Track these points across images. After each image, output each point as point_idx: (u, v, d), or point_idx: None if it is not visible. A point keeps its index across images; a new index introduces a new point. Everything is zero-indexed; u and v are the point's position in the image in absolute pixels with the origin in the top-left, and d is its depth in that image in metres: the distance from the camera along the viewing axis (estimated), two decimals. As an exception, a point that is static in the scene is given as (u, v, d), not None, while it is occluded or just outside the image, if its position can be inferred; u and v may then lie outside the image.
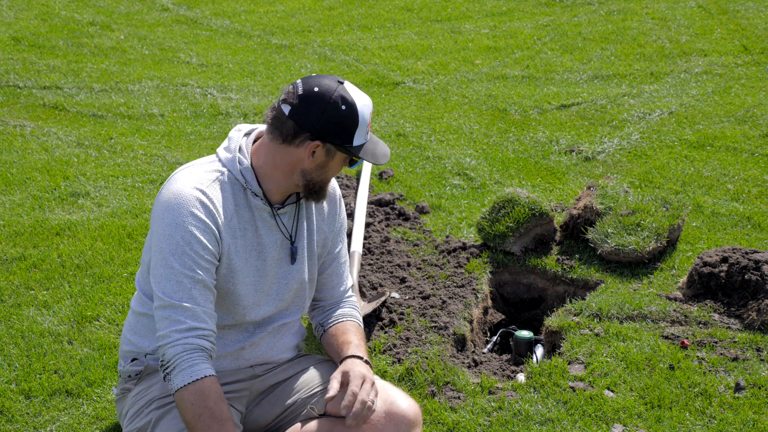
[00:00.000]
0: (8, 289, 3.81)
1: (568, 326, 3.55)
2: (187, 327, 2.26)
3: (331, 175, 2.45)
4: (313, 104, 2.32)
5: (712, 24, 8.63)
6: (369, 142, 2.41)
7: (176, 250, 2.29)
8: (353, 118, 2.34)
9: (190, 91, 6.98)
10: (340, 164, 2.43)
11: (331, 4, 10.23)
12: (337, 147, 2.37)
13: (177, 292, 2.28)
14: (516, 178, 5.25)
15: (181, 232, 2.30)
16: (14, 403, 3.05)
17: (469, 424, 2.97)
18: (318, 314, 2.74)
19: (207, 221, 2.33)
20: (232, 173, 2.42)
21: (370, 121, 2.39)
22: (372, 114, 2.41)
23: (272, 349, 2.61)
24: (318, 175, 2.42)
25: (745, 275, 3.66)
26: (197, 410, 2.22)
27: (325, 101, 2.32)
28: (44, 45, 8.14)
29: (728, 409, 3.03)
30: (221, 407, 2.24)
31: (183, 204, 2.33)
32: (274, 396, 2.60)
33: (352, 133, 2.35)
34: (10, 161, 5.26)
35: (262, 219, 2.46)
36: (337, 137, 2.35)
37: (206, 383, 2.23)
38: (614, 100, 6.67)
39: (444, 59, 8.04)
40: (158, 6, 10.02)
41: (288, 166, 2.40)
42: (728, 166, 5.30)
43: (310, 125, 2.33)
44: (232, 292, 2.44)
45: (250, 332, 2.54)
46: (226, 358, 2.53)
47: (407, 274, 4.01)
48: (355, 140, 2.36)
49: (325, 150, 2.37)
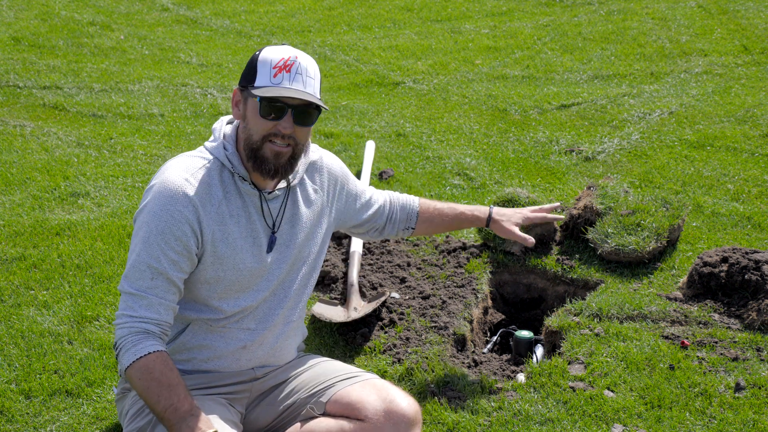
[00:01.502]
0: (8, 289, 3.81)
1: (568, 326, 3.55)
2: (139, 316, 2.32)
3: (253, 129, 2.39)
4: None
5: (712, 24, 8.63)
6: (278, 86, 2.36)
7: (148, 238, 2.33)
8: (254, 60, 2.39)
9: (190, 91, 6.98)
10: (254, 112, 2.39)
11: (331, 4, 10.23)
12: (243, 90, 2.42)
13: (138, 281, 2.33)
14: (516, 178, 5.25)
15: (157, 221, 2.33)
16: (14, 403, 3.05)
17: (469, 424, 2.97)
18: (390, 228, 2.99)
19: (185, 212, 2.34)
20: (218, 159, 2.43)
21: (280, 65, 2.35)
22: (290, 64, 2.36)
23: (275, 351, 2.61)
24: (244, 130, 2.42)
25: (745, 275, 3.66)
26: (144, 383, 2.27)
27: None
28: (44, 45, 8.14)
29: (728, 409, 3.03)
30: (168, 375, 2.28)
31: (164, 193, 2.35)
32: (273, 396, 2.60)
33: (254, 74, 2.38)
34: (10, 161, 5.26)
35: (253, 205, 2.47)
36: (243, 79, 2.42)
37: (150, 358, 2.28)
38: (614, 100, 6.67)
39: (444, 59, 8.04)
40: (158, 6, 10.02)
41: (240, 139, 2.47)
42: (728, 166, 5.30)
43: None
44: (223, 278, 2.44)
45: (252, 330, 2.54)
46: (227, 357, 2.53)
47: (407, 274, 4.01)
48: (257, 81, 2.37)
49: (242, 98, 2.43)
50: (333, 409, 2.50)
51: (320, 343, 3.48)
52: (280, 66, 2.36)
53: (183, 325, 2.51)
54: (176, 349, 2.51)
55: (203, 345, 2.50)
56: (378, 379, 2.60)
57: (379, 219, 2.94)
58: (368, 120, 6.39)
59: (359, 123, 6.31)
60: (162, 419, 2.27)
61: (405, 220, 2.99)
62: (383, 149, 5.75)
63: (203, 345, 2.50)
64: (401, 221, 2.99)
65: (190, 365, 2.53)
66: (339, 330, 3.57)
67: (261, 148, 2.39)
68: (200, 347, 2.50)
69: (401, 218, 2.99)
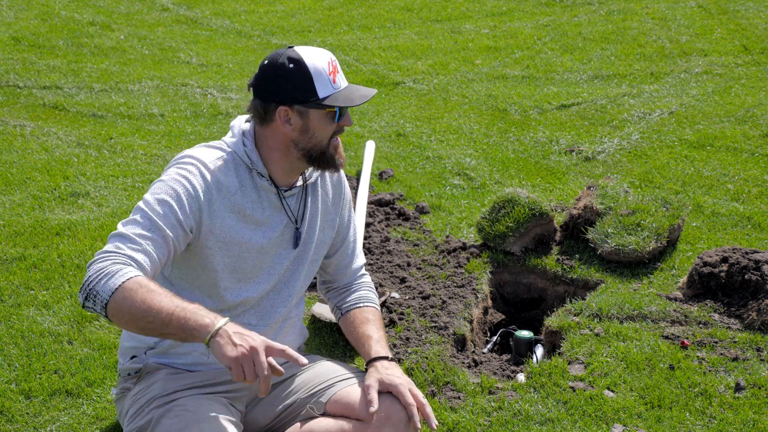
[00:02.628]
0: (8, 289, 3.81)
1: (568, 326, 3.55)
2: (126, 254, 2.15)
3: (321, 136, 2.42)
4: (265, 75, 2.39)
5: (712, 24, 8.63)
6: (342, 90, 2.40)
7: (157, 195, 2.30)
8: (304, 71, 2.35)
9: (190, 91, 6.99)
10: (324, 121, 2.40)
11: (331, 4, 10.23)
12: (305, 105, 2.37)
13: (135, 228, 2.23)
14: (516, 178, 5.25)
15: (167, 187, 2.31)
16: (14, 403, 3.05)
17: (469, 424, 2.97)
18: (333, 296, 2.77)
19: (199, 188, 2.34)
20: (236, 154, 2.45)
21: (331, 70, 2.37)
22: (335, 64, 2.39)
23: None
24: (307, 141, 2.42)
25: (745, 275, 3.66)
26: (138, 299, 2.04)
27: (273, 67, 2.38)
28: (44, 45, 8.14)
29: (728, 409, 3.03)
30: (152, 289, 2.08)
31: (185, 166, 2.36)
32: (273, 396, 2.60)
33: (312, 87, 2.35)
34: (10, 161, 5.26)
35: (268, 200, 2.48)
36: (298, 95, 2.36)
37: (140, 279, 2.07)
38: (614, 100, 6.67)
39: (444, 59, 8.04)
40: (158, 6, 10.02)
41: (279, 144, 2.43)
42: (728, 166, 5.30)
43: (270, 95, 2.38)
44: (228, 265, 2.45)
45: (253, 325, 2.54)
46: None
47: (407, 274, 4.01)
48: (319, 92, 2.36)
49: (297, 112, 2.39)
50: (333, 409, 2.50)
51: (320, 343, 3.49)
52: (331, 71, 2.38)
53: None
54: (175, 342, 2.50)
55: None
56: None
57: (334, 270, 2.77)
58: (368, 120, 6.40)
59: (359, 123, 6.31)
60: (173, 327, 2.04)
61: (334, 309, 2.77)
62: (383, 149, 5.75)
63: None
64: (334, 306, 2.78)
65: (191, 358, 2.53)
66: (339, 330, 3.57)
67: (328, 148, 2.45)
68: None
69: (336, 303, 2.77)
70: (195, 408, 2.37)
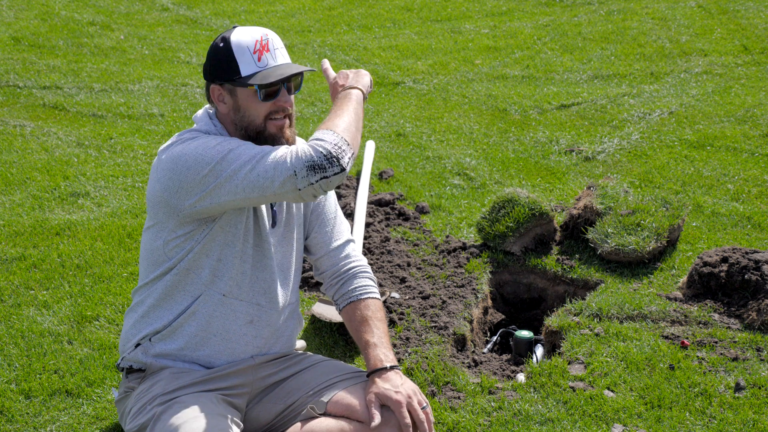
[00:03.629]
0: (8, 289, 3.81)
1: (568, 326, 3.55)
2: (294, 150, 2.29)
3: (252, 115, 2.43)
4: (207, 55, 2.46)
5: (712, 24, 8.63)
6: (268, 68, 2.41)
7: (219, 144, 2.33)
8: (228, 50, 2.39)
9: (190, 91, 6.99)
10: (251, 99, 2.42)
11: (331, 4, 10.23)
12: (230, 83, 2.41)
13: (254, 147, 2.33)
14: (516, 178, 5.25)
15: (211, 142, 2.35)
16: (14, 403, 3.05)
17: (469, 424, 2.97)
18: (329, 287, 2.71)
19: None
20: (209, 133, 2.47)
21: (258, 48, 2.39)
22: (266, 43, 2.40)
23: (277, 333, 2.62)
24: (241, 119, 2.45)
25: (745, 275, 3.66)
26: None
27: (211, 48, 2.44)
28: (44, 45, 8.14)
29: (728, 409, 3.03)
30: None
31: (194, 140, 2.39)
32: (274, 395, 2.60)
33: (235, 65, 2.39)
34: (10, 161, 5.26)
35: None
36: (224, 73, 2.40)
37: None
38: (614, 100, 6.67)
39: (444, 59, 8.04)
40: (158, 6, 10.02)
41: (227, 123, 2.48)
42: (728, 166, 5.30)
43: (206, 74, 2.46)
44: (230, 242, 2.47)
45: (261, 306, 2.57)
46: (235, 332, 2.54)
47: (407, 274, 4.01)
48: (242, 70, 2.39)
49: (227, 91, 2.43)
50: (334, 409, 2.50)
51: (320, 343, 3.48)
52: (258, 49, 2.40)
53: (195, 295, 2.51)
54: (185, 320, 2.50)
55: (213, 315, 2.51)
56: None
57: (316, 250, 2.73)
58: (368, 120, 6.39)
59: (359, 123, 6.31)
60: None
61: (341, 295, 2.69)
62: (383, 149, 5.75)
63: (213, 315, 2.51)
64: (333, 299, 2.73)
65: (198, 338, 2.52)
66: (339, 330, 3.57)
67: (265, 128, 2.45)
68: (210, 319, 2.51)
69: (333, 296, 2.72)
70: (195, 405, 2.38)
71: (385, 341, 2.56)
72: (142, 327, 2.55)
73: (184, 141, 2.41)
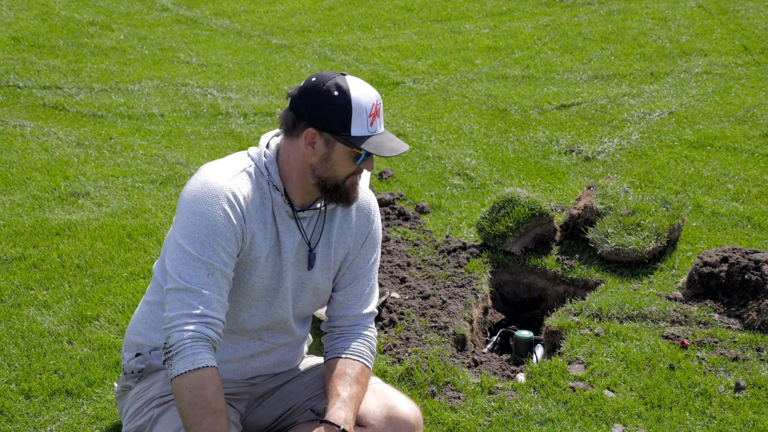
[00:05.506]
0: (8, 289, 3.81)
1: (568, 326, 3.55)
2: (199, 313, 2.23)
3: (339, 171, 2.35)
4: (308, 92, 2.32)
5: (712, 24, 8.63)
6: (375, 135, 2.34)
7: (198, 238, 2.26)
8: (346, 105, 2.29)
9: (190, 91, 6.98)
10: (346, 158, 2.34)
11: (331, 4, 10.23)
12: (334, 136, 2.31)
13: (193, 278, 2.25)
14: (516, 178, 5.25)
15: (205, 221, 2.27)
16: (14, 403, 3.05)
17: (469, 424, 2.97)
18: (327, 339, 2.61)
19: (230, 214, 2.30)
20: (257, 166, 2.40)
21: (373, 112, 2.32)
22: (379, 108, 2.34)
23: (280, 363, 2.60)
24: (325, 170, 2.35)
25: (745, 275, 3.66)
26: (193, 399, 2.18)
27: (319, 88, 2.30)
28: (44, 45, 8.14)
29: (728, 409, 3.03)
30: (218, 399, 2.20)
31: (209, 194, 2.30)
32: (274, 398, 2.60)
33: (347, 121, 2.29)
34: (10, 161, 5.26)
35: (281, 217, 2.41)
36: (332, 124, 2.30)
37: (207, 373, 2.20)
38: (614, 100, 6.67)
39: (444, 59, 8.04)
40: (158, 6, 10.02)
41: (298, 163, 2.37)
42: (728, 166, 5.30)
43: (305, 113, 2.32)
44: (250, 284, 2.41)
45: (263, 341, 2.53)
46: (234, 362, 2.51)
47: (407, 274, 4.01)
48: (353, 129, 2.30)
49: (324, 140, 2.32)
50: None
51: (320, 343, 3.48)
52: (372, 113, 2.32)
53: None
54: None
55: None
56: (380, 383, 2.58)
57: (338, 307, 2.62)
58: (368, 120, 6.39)
59: (359, 123, 6.31)
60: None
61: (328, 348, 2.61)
62: (383, 149, 5.74)
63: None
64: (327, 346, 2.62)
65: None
66: (339, 330, 3.57)
67: (343, 184, 2.39)
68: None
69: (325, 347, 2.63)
70: None
71: (353, 406, 2.38)
72: (146, 339, 2.53)
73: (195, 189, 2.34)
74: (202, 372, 2.19)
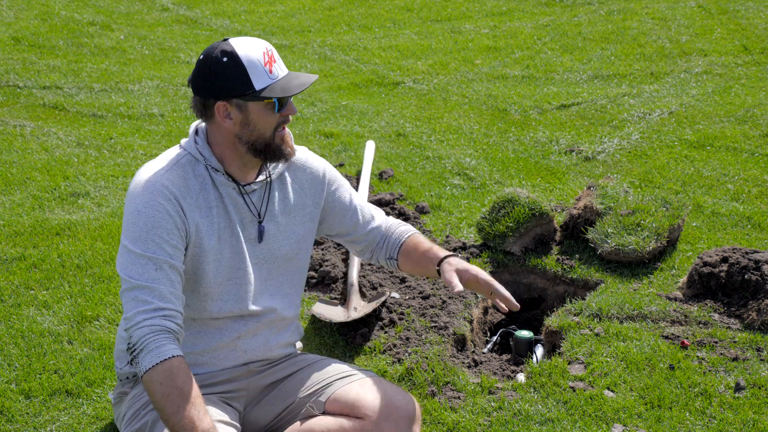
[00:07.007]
0: (8, 289, 3.81)
1: (568, 326, 3.55)
2: (154, 307, 2.25)
3: (263, 128, 2.39)
4: (201, 71, 2.35)
5: (712, 24, 8.63)
6: (279, 79, 2.36)
7: (140, 235, 2.29)
8: (238, 64, 2.31)
9: (190, 91, 6.98)
10: (264, 113, 2.37)
11: (331, 4, 10.23)
12: (243, 98, 2.34)
13: (142, 274, 2.27)
14: (516, 178, 5.25)
15: (144, 218, 2.31)
16: (14, 403, 3.05)
17: (469, 424, 2.97)
18: (378, 253, 2.82)
19: (168, 207, 2.33)
20: (190, 153, 2.43)
21: (267, 60, 2.34)
22: (272, 53, 2.36)
23: (268, 343, 2.60)
24: (250, 134, 2.39)
25: (745, 275, 3.66)
26: (165, 390, 2.19)
27: (208, 62, 2.33)
28: (44, 45, 8.14)
29: (728, 409, 3.03)
30: (190, 386, 2.22)
31: (145, 192, 2.34)
32: (272, 395, 2.60)
33: (247, 79, 2.32)
34: (10, 161, 5.26)
35: (229, 197, 2.45)
36: (235, 89, 2.33)
37: (174, 363, 2.21)
38: (614, 100, 6.67)
39: (444, 59, 8.04)
40: (158, 6, 10.02)
41: (225, 139, 2.41)
42: (728, 166, 5.30)
43: (208, 91, 2.35)
44: (213, 272, 2.43)
45: (246, 320, 2.54)
46: (222, 349, 2.52)
47: (407, 274, 4.01)
48: (255, 84, 2.33)
49: (235, 106, 2.36)
50: (332, 408, 2.50)
51: (320, 343, 3.49)
52: (266, 60, 2.35)
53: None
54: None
55: (198, 337, 2.50)
56: (376, 377, 2.61)
57: (365, 239, 2.82)
58: (368, 120, 6.40)
59: (359, 123, 6.31)
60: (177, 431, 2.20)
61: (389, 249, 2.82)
62: (383, 149, 5.75)
63: (198, 337, 2.50)
64: (387, 249, 2.83)
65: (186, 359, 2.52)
66: (339, 330, 3.57)
67: (273, 140, 2.42)
68: (195, 339, 2.50)
69: (384, 255, 2.84)
70: None
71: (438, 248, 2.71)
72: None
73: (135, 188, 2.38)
74: (169, 362, 2.20)
